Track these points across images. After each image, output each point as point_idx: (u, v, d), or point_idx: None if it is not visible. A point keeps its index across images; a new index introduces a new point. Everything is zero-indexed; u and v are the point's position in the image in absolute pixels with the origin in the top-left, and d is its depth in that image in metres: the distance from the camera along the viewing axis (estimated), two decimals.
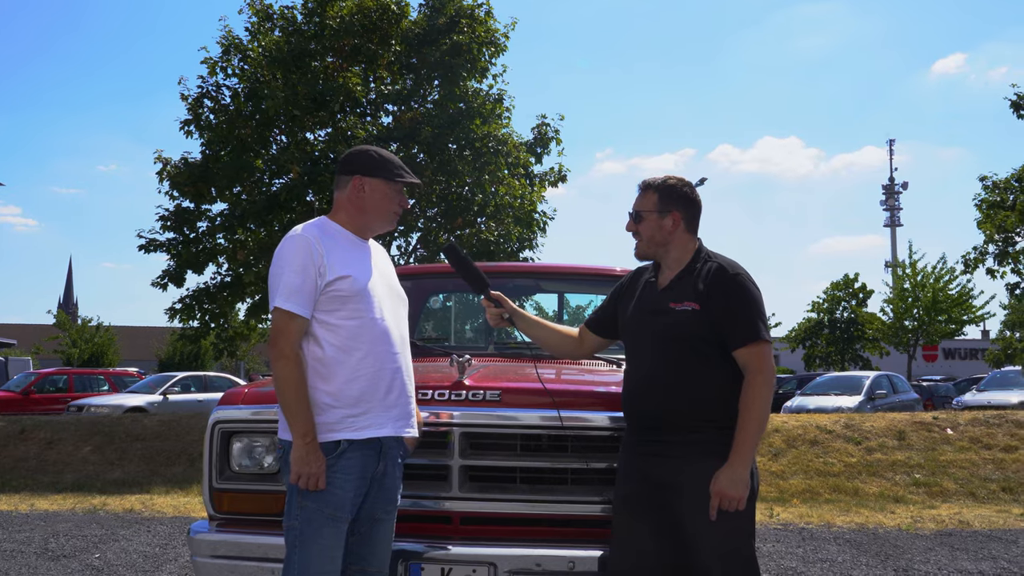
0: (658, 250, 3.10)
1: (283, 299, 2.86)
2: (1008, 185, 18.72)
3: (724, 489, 2.81)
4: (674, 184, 3.11)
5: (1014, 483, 9.38)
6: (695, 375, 2.92)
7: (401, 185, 3.08)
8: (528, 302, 7.65)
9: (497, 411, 3.38)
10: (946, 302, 32.78)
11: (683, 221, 3.08)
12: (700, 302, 2.93)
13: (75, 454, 11.53)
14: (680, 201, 3.09)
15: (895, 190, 65.72)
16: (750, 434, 2.84)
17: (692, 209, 3.11)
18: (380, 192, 3.04)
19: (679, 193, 3.09)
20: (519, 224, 15.40)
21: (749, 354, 2.89)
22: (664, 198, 3.08)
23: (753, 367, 2.88)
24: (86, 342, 46.53)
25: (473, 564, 3.22)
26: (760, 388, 2.86)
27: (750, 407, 2.85)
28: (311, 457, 2.81)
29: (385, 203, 3.06)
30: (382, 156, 3.07)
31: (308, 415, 2.83)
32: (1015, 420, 10.93)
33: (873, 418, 11.54)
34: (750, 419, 2.84)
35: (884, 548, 6.66)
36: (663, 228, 3.07)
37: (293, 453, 2.82)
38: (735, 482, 2.81)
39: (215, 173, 14.47)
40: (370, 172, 3.04)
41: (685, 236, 3.10)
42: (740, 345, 2.89)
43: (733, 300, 2.93)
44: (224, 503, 3.55)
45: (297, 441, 2.82)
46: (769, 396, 2.89)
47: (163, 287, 15.28)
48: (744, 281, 2.96)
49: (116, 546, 6.70)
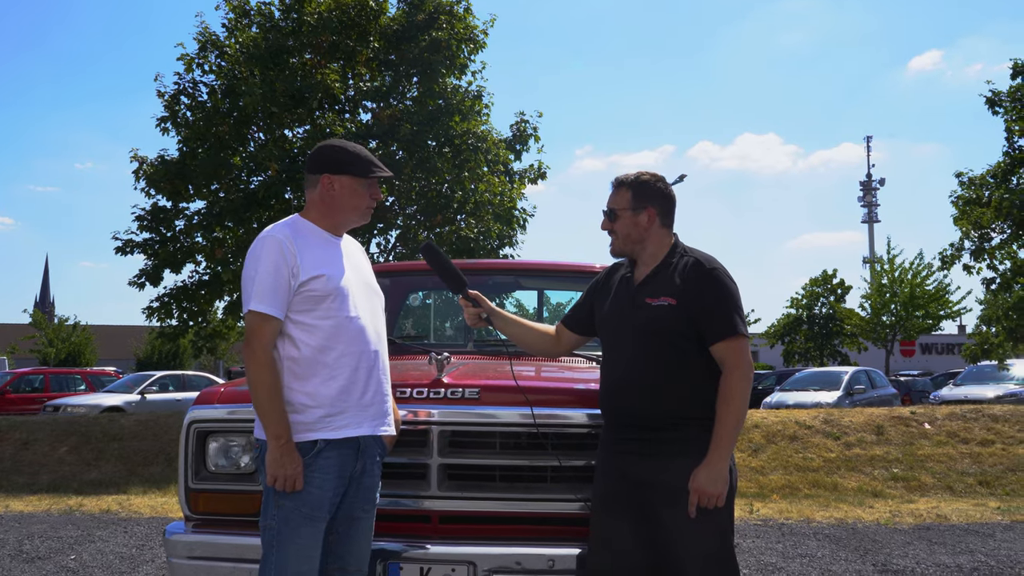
0: (634, 247, 3.08)
1: (256, 301, 2.82)
2: (984, 181, 18.85)
3: (703, 486, 2.79)
4: (647, 180, 3.08)
5: (990, 476, 9.46)
6: (672, 371, 2.89)
7: (373, 179, 3.04)
8: (508, 299, 7.63)
9: (476, 409, 3.36)
10: (923, 298, 32.97)
11: (658, 216, 3.06)
12: (676, 297, 2.90)
13: (51, 455, 11.40)
14: (654, 197, 3.06)
15: (872, 186, 66.26)
16: (728, 430, 2.82)
17: (667, 204, 3.09)
18: (350, 189, 3.00)
19: (653, 189, 3.07)
20: (499, 221, 15.37)
21: (726, 349, 2.86)
22: (638, 195, 3.05)
23: (730, 362, 2.86)
24: (63, 341, 46.10)
25: (452, 563, 3.20)
26: (737, 383, 2.83)
27: (728, 403, 2.82)
28: (286, 459, 2.78)
29: (356, 199, 3.02)
30: (349, 151, 3.02)
31: (282, 417, 2.80)
32: (991, 414, 11.03)
33: (852, 413, 11.61)
34: (728, 415, 2.82)
35: (863, 543, 6.69)
36: (638, 225, 3.04)
37: (268, 455, 2.79)
38: (714, 479, 2.79)
39: (192, 170, 14.35)
40: (338, 169, 2.99)
41: (661, 231, 3.07)
42: (717, 340, 2.87)
43: (710, 294, 2.90)
44: (200, 503, 3.51)
45: (271, 443, 2.79)
46: (747, 391, 2.86)
47: (140, 286, 15.15)
48: (721, 275, 2.94)
49: (92, 547, 6.62)
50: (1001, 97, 18.33)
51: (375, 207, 3.13)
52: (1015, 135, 18.24)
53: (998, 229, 18.80)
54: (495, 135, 15.67)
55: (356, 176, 3.00)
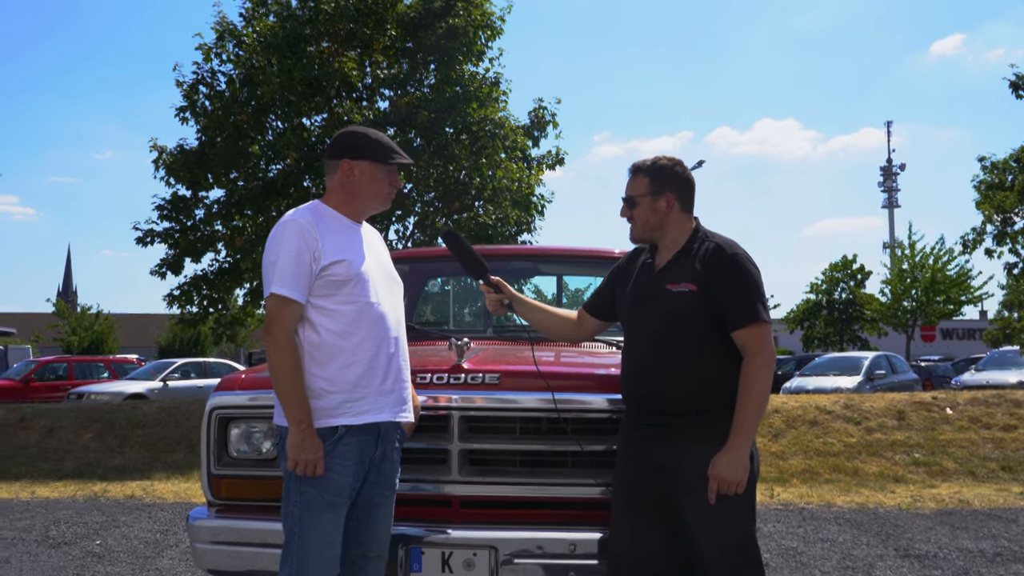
0: (654, 233, 3.05)
1: (278, 285, 2.82)
2: (1007, 166, 18.64)
3: (722, 473, 2.78)
4: (664, 164, 3.04)
5: (1013, 462, 9.40)
6: (693, 357, 2.88)
7: (392, 165, 3.04)
8: (527, 285, 7.63)
9: (496, 394, 3.37)
10: (944, 283, 32.74)
11: (677, 202, 3.02)
12: (698, 283, 2.88)
13: (75, 441, 11.52)
14: (672, 181, 3.02)
15: (893, 171, 65.73)
16: (749, 417, 2.80)
17: (685, 188, 3.05)
18: (370, 174, 3.00)
19: (670, 173, 3.03)
20: (517, 207, 15.33)
21: (748, 335, 2.84)
22: (656, 180, 3.02)
23: (752, 349, 2.83)
24: (85, 330, 46.49)
25: (474, 548, 3.22)
26: (759, 370, 2.81)
27: (749, 389, 2.80)
28: (307, 444, 2.79)
29: (376, 185, 3.02)
30: (369, 137, 3.03)
31: (303, 402, 2.81)
32: (1014, 399, 10.94)
33: (872, 398, 11.55)
34: (749, 401, 2.80)
35: (884, 527, 6.67)
36: (657, 211, 3.01)
37: (289, 440, 2.81)
38: (734, 465, 2.78)
39: (211, 160, 14.41)
40: (359, 155, 2.99)
41: (681, 216, 3.04)
42: (739, 326, 2.85)
43: (731, 281, 2.88)
44: (223, 489, 3.54)
45: (292, 428, 2.80)
46: (769, 378, 2.84)
47: (162, 276, 15.25)
48: (742, 261, 2.91)
49: (117, 532, 6.70)
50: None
51: (395, 194, 3.13)
52: None
53: (1021, 214, 18.60)
54: (513, 121, 15.62)
55: (376, 162, 3.00)
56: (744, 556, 2.86)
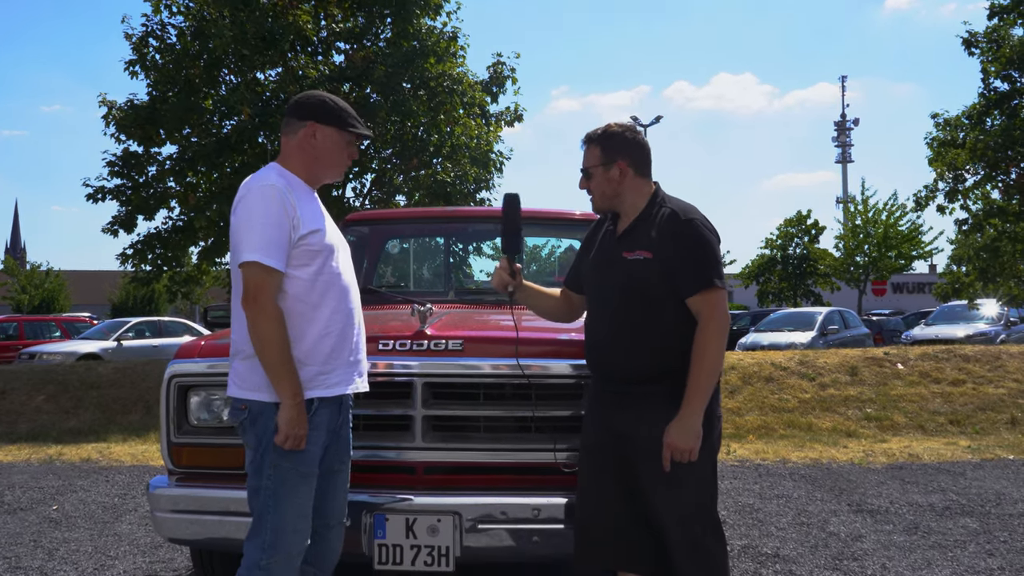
0: (612, 202, 3.02)
1: (261, 253, 2.72)
2: (959, 123, 18.86)
3: (674, 440, 2.78)
4: (614, 132, 3.01)
5: (960, 416, 9.64)
6: (650, 325, 2.88)
7: (353, 136, 2.98)
8: (486, 245, 7.61)
9: (459, 360, 3.37)
10: (896, 238, 33.29)
11: (631, 168, 2.98)
12: (652, 250, 2.86)
13: (28, 403, 11.34)
14: (623, 148, 2.99)
15: (847, 126, 66.30)
16: (701, 383, 2.79)
17: (638, 153, 3.01)
18: (332, 140, 2.94)
19: (621, 140, 2.99)
20: (476, 165, 15.22)
21: (701, 301, 2.83)
22: (606, 149, 2.98)
23: (705, 315, 2.82)
24: (36, 288, 45.69)
25: (438, 514, 3.24)
26: (712, 336, 2.80)
27: (702, 356, 2.80)
28: (301, 418, 2.75)
29: (336, 152, 2.96)
30: (336, 104, 2.97)
31: (295, 375, 2.75)
32: (962, 355, 11.20)
33: (827, 354, 11.75)
34: (701, 368, 2.79)
35: (838, 483, 6.82)
36: (611, 180, 2.98)
37: (282, 415, 2.74)
38: (686, 433, 2.78)
39: (163, 115, 14.06)
40: (324, 119, 2.93)
41: (637, 182, 3.00)
42: (692, 293, 2.83)
43: (684, 247, 2.85)
44: (183, 458, 3.52)
45: (287, 403, 2.73)
46: (722, 344, 2.83)
47: (114, 233, 14.94)
48: (697, 226, 2.88)
49: (74, 497, 6.63)
50: (977, 38, 18.27)
51: (348, 166, 3.06)
52: (991, 76, 18.22)
53: (972, 171, 18.89)
54: (471, 77, 15.45)
55: (340, 129, 2.94)
56: (703, 523, 2.88)
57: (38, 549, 5.13)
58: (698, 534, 2.85)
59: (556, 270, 6.92)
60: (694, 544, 2.84)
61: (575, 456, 3.20)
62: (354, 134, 2.97)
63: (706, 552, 2.86)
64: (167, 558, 4.90)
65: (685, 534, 2.83)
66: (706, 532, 2.88)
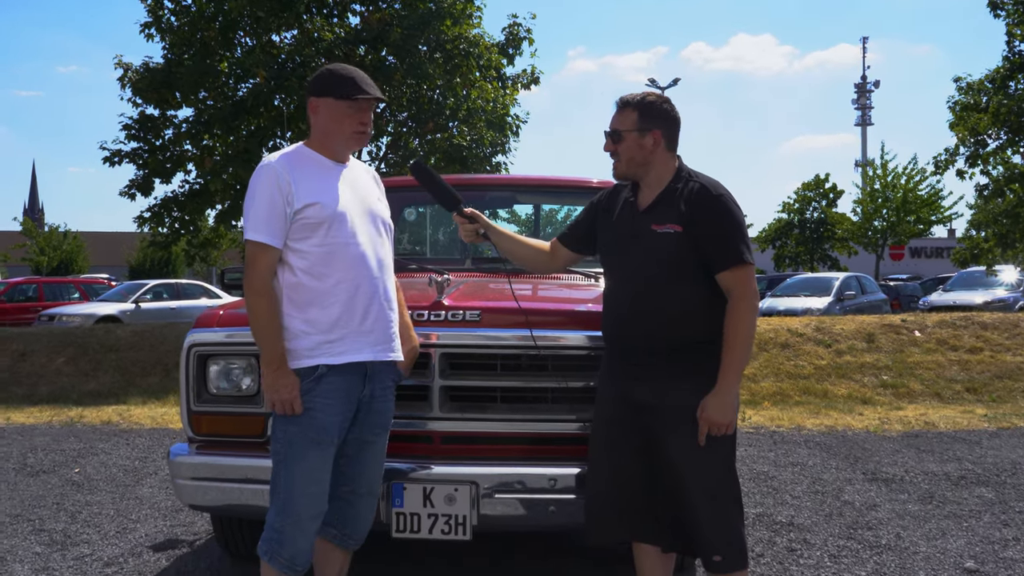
0: (638, 170, 3.00)
1: (252, 231, 2.87)
2: (982, 87, 18.59)
3: (712, 415, 2.81)
4: (654, 101, 2.99)
5: (977, 384, 9.61)
6: (677, 298, 2.88)
7: (359, 103, 2.95)
8: (505, 214, 7.59)
9: (477, 331, 3.38)
10: (916, 203, 33.00)
11: (664, 139, 2.97)
12: (683, 224, 2.86)
13: (48, 366, 11.46)
14: (660, 119, 2.97)
15: (867, 88, 65.55)
16: (736, 359, 2.83)
17: (672, 127, 3.01)
18: (331, 112, 2.96)
19: (659, 110, 2.98)
20: (492, 128, 15.16)
21: (733, 278, 2.84)
22: (644, 116, 2.96)
23: (737, 292, 2.84)
24: (54, 249, 45.90)
25: (455, 483, 3.26)
26: (744, 313, 2.83)
27: (736, 332, 2.82)
28: (279, 383, 2.84)
29: (337, 123, 2.96)
30: (335, 73, 2.96)
31: (274, 344, 2.86)
32: (980, 322, 11.14)
33: (843, 321, 11.71)
34: (736, 344, 2.82)
35: (853, 451, 6.83)
36: (643, 147, 2.96)
37: (263, 381, 2.89)
38: (723, 408, 2.81)
39: (178, 78, 14.04)
40: (320, 92, 2.97)
41: (665, 155, 2.99)
42: (723, 268, 2.84)
43: (717, 222, 2.86)
44: (203, 426, 3.56)
45: (264, 369, 2.88)
46: (753, 320, 2.87)
47: (131, 197, 15.00)
48: (727, 202, 2.89)
49: (95, 460, 6.72)
50: (1003, 0, 17.95)
51: (368, 132, 3.06)
52: (1016, 40, 17.92)
53: (994, 135, 18.65)
54: (487, 39, 15.34)
55: (338, 99, 2.94)
56: (728, 494, 2.91)
57: (61, 512, 5.21)
58: (723, 503, 2.89)
59: None
60: (720, 515, 2.87)
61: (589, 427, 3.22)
62: (358, 100, 2.95)
63: (729, 523, 2.90)
64: (187, 522, 4.98)
65: (713, 506, 2.86)
66: (731, 502, 2.92)
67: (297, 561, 2.90)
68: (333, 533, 3.09)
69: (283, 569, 2.89)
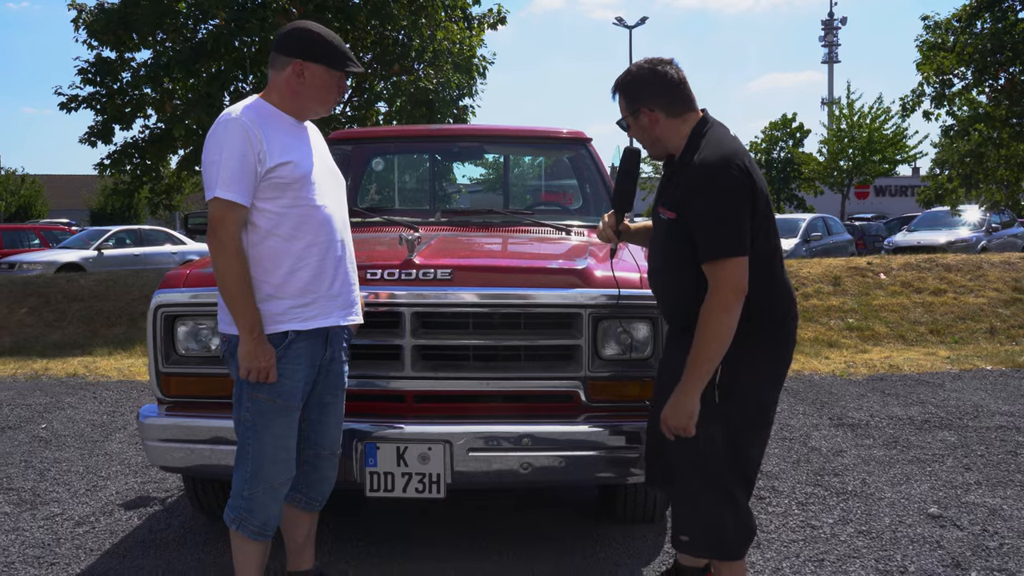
0: (657, 149, 2.82)
1: (222, 188, 2.71)
2: (949, 26, 18.56)
3: (665, 416, 2.64)
4: (633, 75, 2.77)
5: (941, 325, 9.77)
6: (672, 288, 2.80)
7: (343, 72, 2.90)
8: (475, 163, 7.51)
9: (448, 290, 3.35)
10: (881, 142, 33.18)
11: (660, 111, 2.73)
12: (677, 210, 2.67)
13: (10, 316, 11.28)
14: (645, 92, 2.74)
15: (834, 25, 65.32)
16: (697, 361, 2.56)
17: (664, 93, 2.72)
18: (320, 79, 2.86)
19: (640, 83, 2.75)
20: (458, 71, 14.93)
21: (709, 271, 2.58)
22: (628, 98, 2.77)
23: (711, 286, 2.57)
24: (12, 194, 45.01)
25: (428, 442, 3.26)
26: (713, 310, 2.54)
27: (703, 330, 2.56)
28: (259, 351, 2.75)
29: (324, 92, 2.88)
30: (325, 39, 2.85)
31: (253, 309, 2.75)
32: (944, 264, 11.28)
33: (810, 264, 11.81)
34: (699, 343, 2.57)
35: (820, 395, 6.93)
36: (643, 129, 2.78)
37: (241, 348, 2.76)
38: (676, 411, 2.60)
39: (135, 19, 13.61)
40: (312, 57, 2.83)
41: (671, 124, 2.74)
42: (703, 260, 2.60)
43: (700, 210, 2.59)
44: (172, 387, 3.52)
45: (244, 336, 2.75)
46: (726, 319, 2.54)
47: (91, 144, 14.62)
48: (716, 185, 2.57)
49: (62, 415, 6.65)
50: None
51: (339, 101, 2.99)
52: None
53: (960, 75, 18.68)
54: None
55: (329, 68, 2.85)
56: (701, 482, 2.70)
57: (29, 469, 5.17)
58: (693, 490, 2.71)
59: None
60: (687, 497, 2.75)
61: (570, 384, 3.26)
62: (345, 72, 2.89)
63: (695, 507, 2.72)
64: (159, 478, 4.95)
65: (683, 487, 2.74)
66: (703, 490, 2.69)
67: (268, 527, 2.89)
68: (298, 498, 3.07)
69: (253, 536, 2.87)
